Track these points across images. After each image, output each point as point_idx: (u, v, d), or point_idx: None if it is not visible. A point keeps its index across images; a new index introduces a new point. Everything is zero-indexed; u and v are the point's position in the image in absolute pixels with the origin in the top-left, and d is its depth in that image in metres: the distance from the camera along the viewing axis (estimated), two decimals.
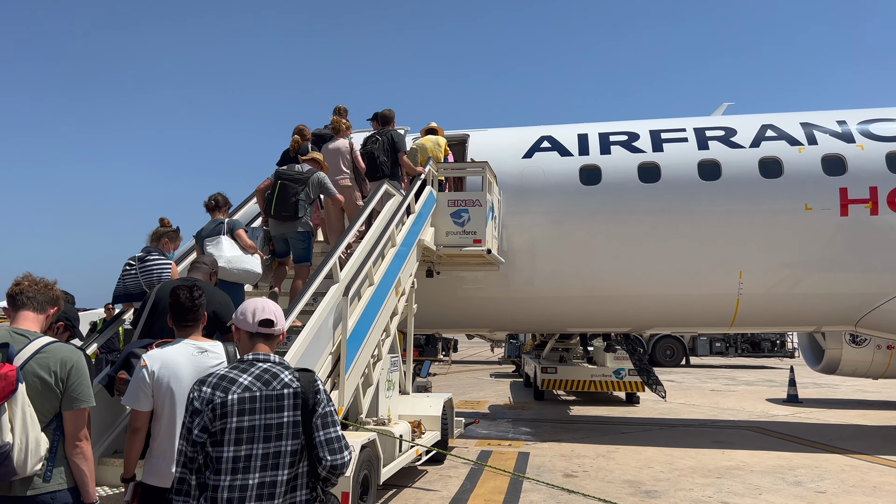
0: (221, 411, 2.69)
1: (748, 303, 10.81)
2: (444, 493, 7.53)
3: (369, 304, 6.81)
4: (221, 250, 6.22)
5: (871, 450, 10.01)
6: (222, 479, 2.64)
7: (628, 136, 11.34)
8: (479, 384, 20.24)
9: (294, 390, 2.76)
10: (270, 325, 2.95)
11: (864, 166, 10.35)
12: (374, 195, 7.98)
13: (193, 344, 3.69)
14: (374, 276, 7.04)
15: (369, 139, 8.90)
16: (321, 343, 6.04)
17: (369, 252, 7.01)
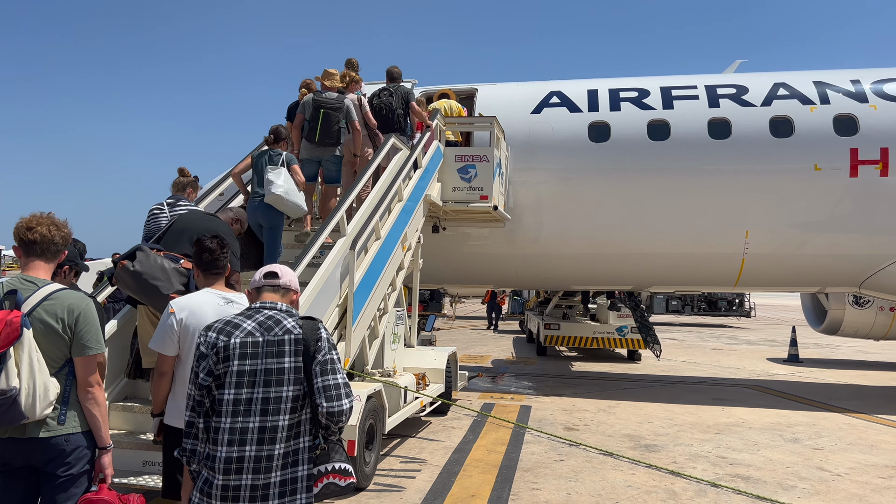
0: (224, 354, 2.74)
1: (753, 263, 10.83)
2: (448, 443, 7.70)
3: (376, 258, 6.86)
4: (282, 180, 6.60)
5: (869, 409, 10.15)
6: (223, 420, 2.70)
7: (638, 93, 11.20)
8: (483, 339, 20.46)
9: (295, 337, 2.80)
10: (275, 277, 3.00)
11: (877, 126, 10.23)
12: (381, 149, 7.95)
13: (220, 294, 3.75)
14: (380, 231, 7.07)
15: (382, 92, 8.87)
16: (328, 295, 6.10)
17: (376, 206, 7.03)
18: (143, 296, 4.52)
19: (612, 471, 6.68)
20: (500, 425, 8.53)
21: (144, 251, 4.54)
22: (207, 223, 5.10)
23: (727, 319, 31.22)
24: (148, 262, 4.46)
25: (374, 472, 6.35)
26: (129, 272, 4.43)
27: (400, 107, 8.75)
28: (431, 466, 6.75)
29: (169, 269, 4.48)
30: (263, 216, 6.60)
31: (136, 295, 4.59)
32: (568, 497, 5.88)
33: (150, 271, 4.43)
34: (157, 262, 4.49)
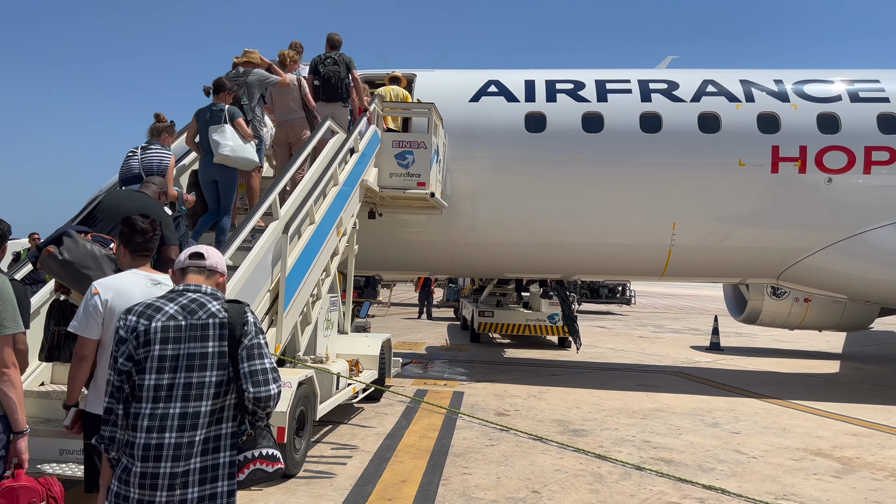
0: (144, 339, 2.65)
1: (679, 254, 11.20)
2: (380, 429, 7.69)
3: (309, 243, 6.77)
4: (226, 138, 6.69)
5: (784, 395, 10.67)
6: (143, 406, 2.62)
7: (574, 85, 11.38)
8: (418, 326, 20.50)
9: (220, 320, 2.72)
10: (200, 258, 2.91)
11: (797, 125, 10.71)
12: (316, 132, 7.83)
13: (147, 275, 3.62)
14: (315, 215, 6.97)
15: (326, 60, 8.80)
16: (259, 280, 5.99)
17: (311, 190, 6.92)
18: (73, 285, 4.34)
19: (542, 455, 6.82)
20: (433, 411, 8.58)
21: (72, 237, 4.35)
22: (137, 202, 4.99)
23: (609, 306, 31.96)
24: (77, 250, 4.28)
25: (305, 458, 6.29)
26: (57, 260, 4.24)
27: (346, 75, 8.76)
28: (363, 453, 6.74)
29: (100, 256, 4.31)
30: (217, 173, 6.76)
31: (66, 283, 4.41)
32: (498, 481, 5.97)
33: (80, 260, 4.25)
34: (87, 250, 4.31)
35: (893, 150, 10.49)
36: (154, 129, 6.55)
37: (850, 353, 16.91)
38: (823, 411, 9.49)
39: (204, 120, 6.87)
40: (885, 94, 10.90)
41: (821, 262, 10.88)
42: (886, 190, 10.60)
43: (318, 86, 8.81)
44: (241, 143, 6.79)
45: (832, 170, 10.54)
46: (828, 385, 11.98)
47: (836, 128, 10.63)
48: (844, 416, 9.18)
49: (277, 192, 6.52)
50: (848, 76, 11.31)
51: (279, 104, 8.57)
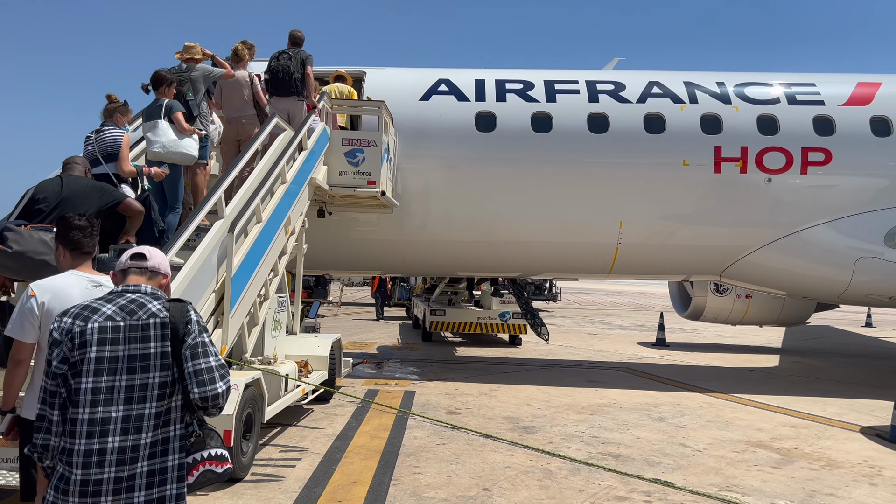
0: (80, 340, 2.55)
1: (626, 252, 11.41)
2: (330, 430, 7.61)
3: (256, 242, 6.64)
4: (158, 135, 6.64)
5: (726, 389, 10.97)
6: (81, 411, 2.52)
7: (523, 85, 11.47)
8: (369, 326, 20.39)
9: (161, 320, 2.64)
10: (142, 259, 2.83)
11: (738, 126, 11.02)
12: (263, 129, 7.70)
13: (87, 276, 3.49)
14: (262, 214, 6.84)
15: (282, 55, 8.77)
16: (204, 280, 5.85)
17: (258, 188, 6.80)
18: (32, 274, 4.22)
19: (492, 452, 6.85)
20: (384, 411, 8.53)
21: (14, 230, 4.26)
22: (77, 183, 5.12)
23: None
24: (24, 240, 4.20)
25: (252, 462, 6.18)
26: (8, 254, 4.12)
27: (298, 70, 8.68)
28: (312, 454, 6.65)
29: (49, 241, 4.25)
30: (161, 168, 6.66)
31: (21, 275, 4.28)
32: (449, 480, 5.97)
33: (32, 247, 4.17)
34: (34, 237, 4.25)
35: (828, 151, 10.90)
36: (107, 111, 6.54)
37: (789, 347, 17.52)
38: (764, 404, 9.79)
39: (145, 117, 6.86)
40: (820, 97, 11.31)
41: (761, 260, 11.23)
42: (822, 190, 11.01)
43: (268, 80, 8.78)
44: (174, 139, 6.73)
45: (771, 170, 10.89)
46: (768, 378, 12.37)
47: (774, 129, 10.98)
48: (783, 409, 9.50)
49: (223, 190, 6.38)
50: (786, 80, 11.70)
51: (228, 100, 8.47)
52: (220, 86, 8.48)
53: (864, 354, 16.83)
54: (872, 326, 24.14)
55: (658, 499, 5.63)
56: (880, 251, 10.84)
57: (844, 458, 7.09)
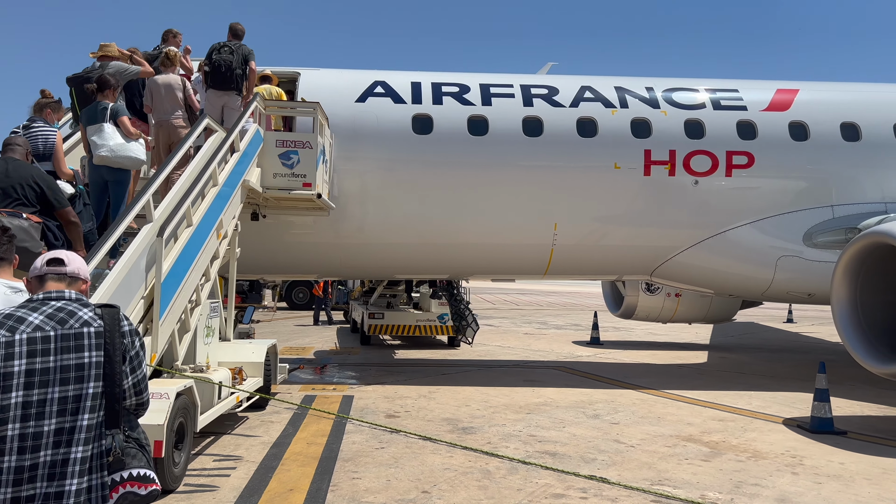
0: (7, 352, 2.42)
1: (561, 253, 11.62)
2: (266, 438, 7.46)
3: (187, 247, 6.46)
4: (104, 139, 6.48)
5: (658, 385, 11.29)
6: (10, 427, 2.38)
7: (460, 89, 11.55)
8: (306, 331, 20.08)
9: (96, 329, 2.54)
10: (60, 264, 2.69)
11: (666, 130, 11.38)
12: (193, 130, 7.51)
13: (6, 283, 3.32)
14: (192, 217, 6.66)
15: (223, 48, 8.57)
16: (132, 287, 5.66)
17: (188, 191, 6.62)
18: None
19: (432, 455, 6.85)
20: (322, 417, 8.42)
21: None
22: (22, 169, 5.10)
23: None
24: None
25: (185, 472, 6.00)
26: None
27: (239, 66, 8.55)
28: (248, 463, 6.51)
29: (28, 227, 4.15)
30: (108, 173, 6.58)
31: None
32: (388, 483, 5.94)
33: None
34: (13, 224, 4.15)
35: (751, 154, 11.37)
36: (38, 106, 6.40)
37: (717, 343, 18.16)
38: (694, 399, 10.12)
39: (85, 120, 6.66)
40: (743, 102, 11.79)
41: (689, 259, 11.62)
42: (746, 192, 11.48)
43: (207, 73, 8.62)
44: (122, 143, 6.59)
45: (698, 173, 11.28)
46: (697, 374, 12.80)
47: (701, 133, 11.39)
48: (712, 403, 9.84)
49: (151, 193, 6.19)
50: (711, 85, 12.14)
51: (159, 104, 8.32)
52: (151, 89, 8.33)
53: (786, 349, 17.61)
54: (794, 322, 25.28)
55: (594, 494, 5.75)
56: (800, 250, 11.38)
57: (769, 449, 7.39)
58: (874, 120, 11.75)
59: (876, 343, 8.53)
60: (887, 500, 5.82)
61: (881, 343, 8.50)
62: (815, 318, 25.77)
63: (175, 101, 8.31)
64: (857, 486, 6.17)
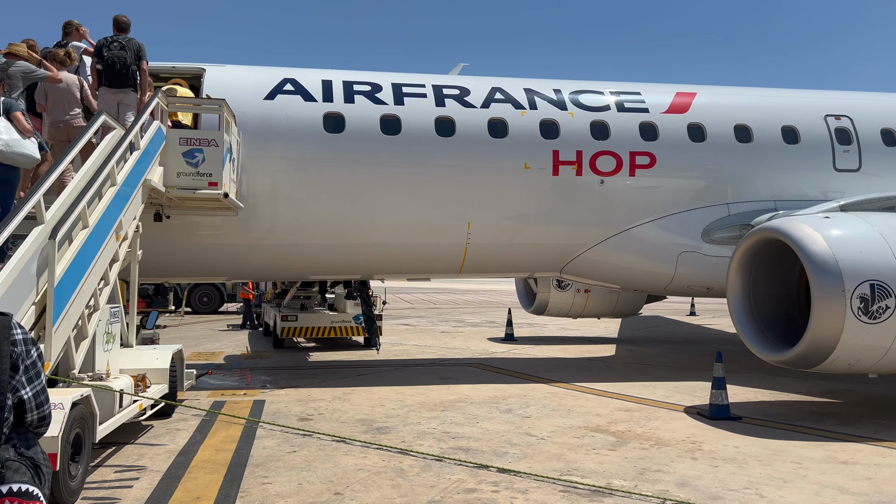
0: None
1: (475, 252, 11.76)
2: (172, 446, 7.20)
3: (83, 249, 6.15)
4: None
5: (568, 378, 11.61)
6: None
7: (372, 87, 11.50)
8: (215, 335, 19.49)
9: None
10: None
11: (574, 131, 11.72)
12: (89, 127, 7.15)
13: None
14: (88, 218, 6.35)
15: (112, 44, 8.21)
16: (22, 292, 5.35)
17: (83, 191, 6.30)
18: None
19: (345, 456, 6.80)
20: (231, 423, 8.20)
21: None
22: None
23: None
24: None
25: (83, 485, 5.70)
26: None
27: (134, 62, 8.25)
28: (152, 473, 6.26)
29: None
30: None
31: None
32: (300, 487, 5.85)
33: None
34: None
35: (653, 155, 11.86)
36: None
37: (625, 336, 18.86)
38: (602, 391, 10.48)
39: None
40: (645, 105, 12.28)
41: (596, 256, 12.02)
42: (648, 191, 11.96)
43: (101, 70, 8.25)
44: (17, 138, 6.27)
45: (604, 172, 11.68)
46: (605, 367, 13.25)
47: (606, 135, 11.79)
48: (619, 394, 10.21)
49: (42, 193, 5.85)
50: (615, 88, 12.59)
51: (55, 103, 7.97)
52: (46, 89, 7.96)
53: (688, 341, 18.49)
54: (696, 315, 26.55)
55: (505, 487, 5.86)
56: (699, 246, 11.97)
57: (671, 436, 7.74)
58: (765, 122, 12.50)
59: (767, 333, 9.07)
60: (777, 479, 6.21)
61: (772, 333, 9.05)
62: (716, 311, 27.16)
63: (73, 101, 8.02)
64: (750, 467, 6.55)
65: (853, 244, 8.20)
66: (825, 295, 7.98)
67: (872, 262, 8.01)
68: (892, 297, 7.87)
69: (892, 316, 7.87)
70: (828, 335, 8.01)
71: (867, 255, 8.07)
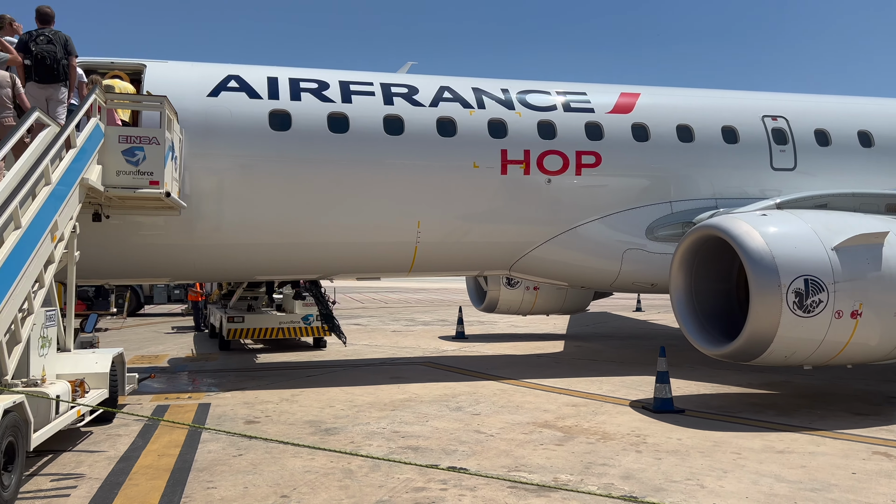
0: None
1: (425, 250, 11.76)
2: (112, 452, 6.99)
3: (15, 251, 5.92)
4: None
5: (518, 375, 11.72)
6: None
7: (319, 85, 11.38)
8: (159, 338, 19.00)
9: None
10: None
11: (521, 131, 11.83)
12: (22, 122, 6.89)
13: None
14: (21, 219, 6.11)
15: (38, 38, 7.91)
16: None
17: (14, 190, 6.06)
18: None
19: (292, 458, 6.71)
20: (175, 427, 8.00)
21: None
22: None
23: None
24: None
25: (17, 496, 5.49)
26: None
27: (63, 56, 8.01)
28: (90, 481, 6.06)
29: None
30: None
31: None
32: (245, 491, 5.75)
33: None
34: None
35: (598, 154, 12.06)
36: None
37: (573, 333, 19.13)
38: (550, 387, 10.61)
39: None
40: (590, 105, 12.47)
41: (544, 254, 12.16)
42: (594, 189, 12.16)
43: (28, 66, 7.93)
44: None
45: (551, 171, 11.82)
46: (554, 363, 13.42)
47: (553, 134, 11.94)
48: (567, 390, 10.36)
49: None
50: (561, 88, 12.75)
51: None
52: None
53: (634, 336, 18.86)
54: (642, 311, 27.11)
55: (453, 485, 5.88)
56: (643, 243, 12.23)
57: (616, 430, 7.89)
58: (705, 123, 12.84)
59: (708, 327, 9.33)
60: (717, 469, 6.39)
61: (713, 327, 9.32)
62: (661, 307, 27.78)
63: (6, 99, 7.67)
64: (692, 459, 6.73)
65: (788, 241, 8.49)
66: (762, 290, 8.25)
67: (806, 258, 8.32)
68: (825, 291, 8.19)
69: (825, 310, 8.19)
70: (765, 329, 8.29)
71: (801, 251, 8.38)
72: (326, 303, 15.71)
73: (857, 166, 13.17)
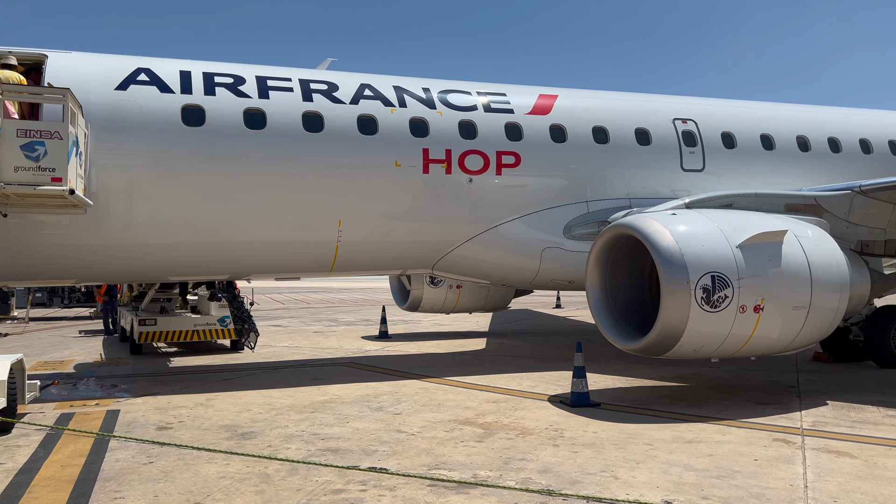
0: None
1: (346, 249, 11.64)
2: (10, 464, 6.58)
3: None
4: None
5: (440, 373, 11.77)
6: None
7: (234, 80, 11.08)
8: (65, 342, 18.05)
9: None
10: None
11: (443, 130, 11.88)
12: None
13: None
14: None
15: None
16: None
17: None
18: None
19: (207, 464, 6.50)
20: (81, 436, 7.62)
21: None
22: None
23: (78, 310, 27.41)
24: None
25: None
26: None
27: None
28: None
29: None
30: None
31: None
32: (156, 499, 5.53)
33: None
34: None
35: (518, 154, 12.25)
36: None
37: (495, 330, 19.38)
38: (472, 384, 10.70)
39: None
40: (510, 106, 12.65)
41: (466, 253, 12.26)
42: (514, 189, 12.35)
43: None
44: None
45: (472, 171, 11.92)
46: (476, 360, 13.55)
47: (474, 134, 12.04)
48: (488, 386, 10.48)
49: None
50: (482, 88, 12.88)
51: None
52: None
53: (554, 332, 19.28)
54: (562, 308, 27.75)
55: (373, 486, 5.84)
56: (561, 242, 12.51)
57: (535, 425, 8.04)
58: (620, 125, 13.24)
59: (622, 323, 9.64)
60: (630, 461, 6.60)
61: (627, 322, 9.63)
62: (580, 304, 28.50)
63: None
64: (607, 451, 6.93)
65: (696, 239, 8.87)
66: (672, 286, 8.58)
67: (713, 255, 8.71)
68: (730, 287, 8.59)
69: (731, 305, 8.59)
70: (676, 323, 8.62)
71: (709, 248, 8.76)
72: (241, 305, 15.30)
73: (759, 167, 13.90)
